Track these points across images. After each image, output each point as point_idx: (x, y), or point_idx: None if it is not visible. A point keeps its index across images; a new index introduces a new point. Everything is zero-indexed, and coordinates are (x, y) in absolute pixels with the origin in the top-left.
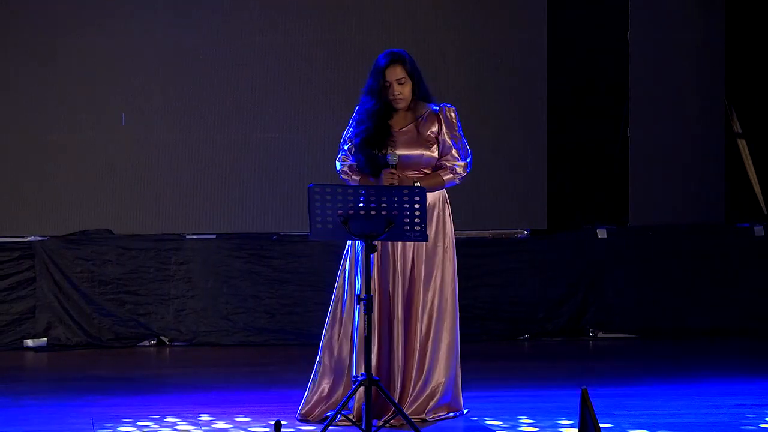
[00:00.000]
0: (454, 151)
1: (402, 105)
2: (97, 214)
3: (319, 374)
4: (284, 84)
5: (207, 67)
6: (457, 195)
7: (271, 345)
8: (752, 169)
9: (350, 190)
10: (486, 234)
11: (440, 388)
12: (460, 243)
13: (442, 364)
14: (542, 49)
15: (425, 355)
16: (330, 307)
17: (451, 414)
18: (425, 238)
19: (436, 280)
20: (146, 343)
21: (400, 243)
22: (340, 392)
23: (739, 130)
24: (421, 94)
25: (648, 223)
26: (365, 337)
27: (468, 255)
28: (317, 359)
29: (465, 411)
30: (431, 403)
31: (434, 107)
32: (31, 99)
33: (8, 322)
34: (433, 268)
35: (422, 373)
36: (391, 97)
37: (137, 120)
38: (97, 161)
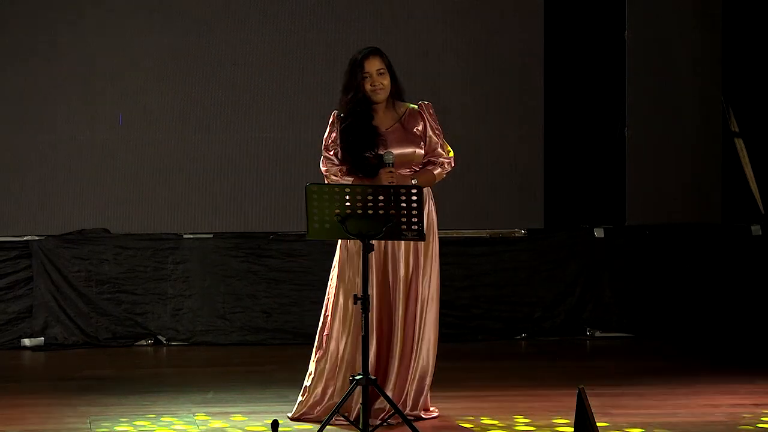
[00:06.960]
0: (439, 147)
1: (381, 96)
2: (95, 214)
3: (313, 379)
4: (281, 83)
5: (204, 67)
6: (455, 194)
7: (268, 344)
8: (749, 168)
9: (348, 189)
10: (483, 233)
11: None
12: (457, 242)
13: (431, 360)
14: (539, 48)
15: (419, 352)
16: (325, 309)
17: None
18: (423, 237)
19: (427, 276)
20: (143, 342)
21: (391, 243)
22: (334, 394)
23: (737, 130)
24: (397, 92)
25: (645, 223)
26: (362, 336)
27: (465, 254)
28: (311, 364)
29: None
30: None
31: (411, 105)
32: (29, 99)
33: (5, 321)
34: (425, 264)
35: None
36: (370, 88)
37: (135, 120)
38: (95, 161)
